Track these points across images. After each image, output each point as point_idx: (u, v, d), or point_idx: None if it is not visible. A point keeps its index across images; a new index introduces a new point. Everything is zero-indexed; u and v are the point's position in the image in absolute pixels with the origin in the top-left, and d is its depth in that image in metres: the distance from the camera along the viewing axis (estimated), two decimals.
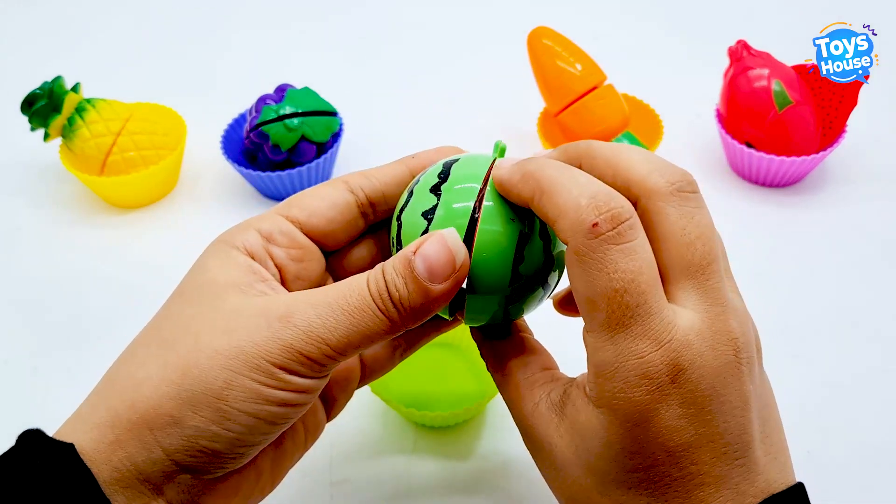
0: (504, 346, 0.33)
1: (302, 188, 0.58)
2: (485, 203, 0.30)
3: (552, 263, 0.31)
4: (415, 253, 0.28)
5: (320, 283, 0.34)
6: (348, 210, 0.33)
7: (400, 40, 0.76)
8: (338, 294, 0.28)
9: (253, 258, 0.31)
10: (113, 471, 0.27)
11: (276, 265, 0.32)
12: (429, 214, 0.30)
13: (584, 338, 0.28)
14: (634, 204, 0.28)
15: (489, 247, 0.29)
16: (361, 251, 0.35)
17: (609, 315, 0.26)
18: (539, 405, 0.30)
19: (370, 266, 0.32)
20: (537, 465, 0.30)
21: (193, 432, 0.27)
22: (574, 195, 0.27)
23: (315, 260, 0.33)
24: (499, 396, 0.44)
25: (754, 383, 0.28)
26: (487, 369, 0.33)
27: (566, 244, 0.27)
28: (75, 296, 0.53)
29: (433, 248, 0.28)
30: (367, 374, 0.36)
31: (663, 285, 0.27)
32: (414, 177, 0.34)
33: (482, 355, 0.34)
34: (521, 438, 0.31)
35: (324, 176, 0.59)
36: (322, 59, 0.74)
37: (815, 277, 0.52)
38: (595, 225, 0.26)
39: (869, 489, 0.41)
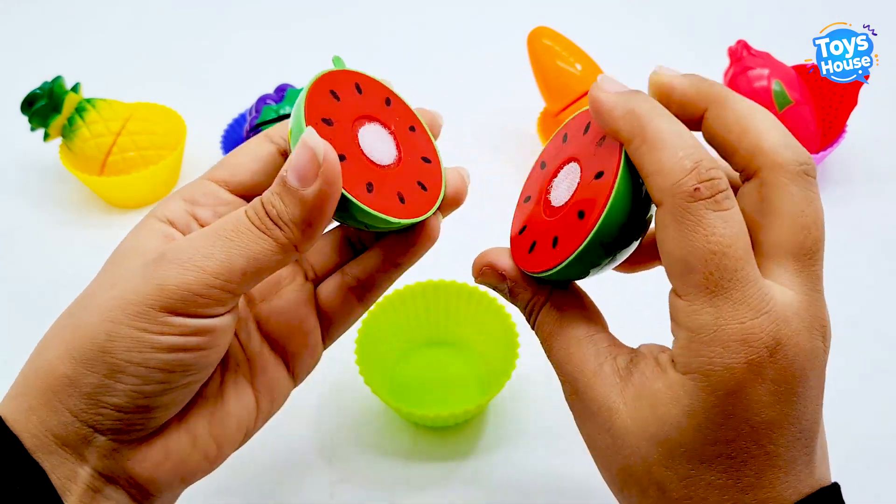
0: (567, 298, 0.30)
1: None
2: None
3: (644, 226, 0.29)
4: (287, 170, 0.27)
5: None
6: (272, 160, 0.32)
7: (400, 40, 0.76)
8: (215, 225, 0.27)
9: (174, 226, 0.30)
10: (32, 437, 0.27)
11: (202, 226, 0.31)
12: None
13: (671, 303, 0.27)
14: (754, 173, 0.27)
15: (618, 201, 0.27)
16: None
17: (707, 277, 0.25)
18: (603, 366, 0.28)
19: None
20: (585, 430, 0.29)
21: (91, 390, 0.27)
22: (679, 156, 0.26)
23: None
24: (499, 396, 0.44)
25: (824, 376, 0.29)
26: (533, 318, 0.31)
27: (658, 203, 0.26)
28: (74, 295, 0.53)
29: (297, 153, 0.27)
30: (328, 326, 0.33)
31: (760, 260, 0.27)
32: None
33: (529, 302, 0.31)
34: (520, 438, 0.31)
35: None
36: (322, 59, 0.74)
37: None
38: (696, 189, 0.26)
39: (869, 489, 0.41)
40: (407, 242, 0.32)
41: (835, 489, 0.27)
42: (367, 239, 0.35)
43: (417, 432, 0.44)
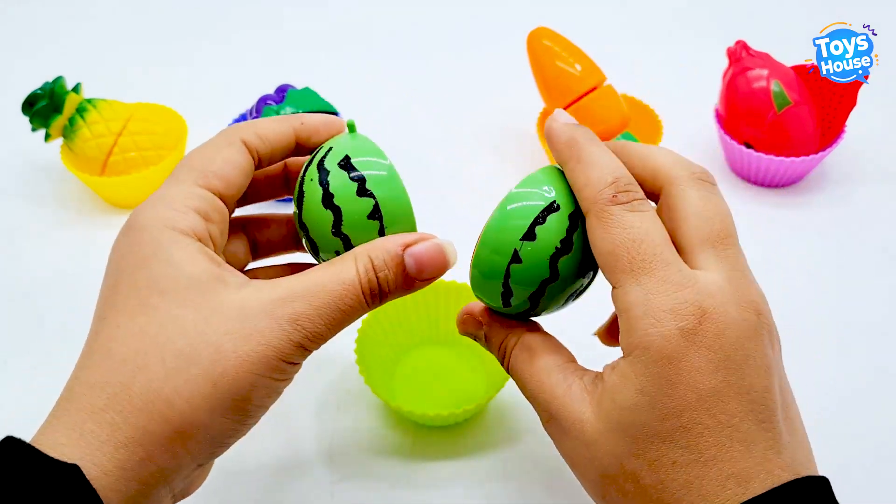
0: (535, 338, 0.33)
1: None
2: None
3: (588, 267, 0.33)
4: (404, 249, 0.31)
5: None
6: (250, 173, 0.34)
7: (400, 41, 0.76)
8: (333, 295, 0.30)
9: (202, 241, 0.31)
10: (140, 485, 0.27)
11: (214, 242, 0.32)
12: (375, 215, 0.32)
13: (612, 297, 0.30)
14: (659, 192, 0.32)
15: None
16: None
17: (630, 262, 0.29)
18: (572, 386, 0.31)
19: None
20: (564, 449, 0.31)
21: (218, 433, 0.29)
22: (604, 172, 0.31)
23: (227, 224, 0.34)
24: (499, 396, 0.44)
25: (775, 355, 0.30)
26: (506, 361, 0.34)
27: (586, 214, 0.31)
28: (75, 296, 0.53)
29: (428, 250, 0.31)
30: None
31: (683, 257, 0.30)
32: (301, 143, 0.35)
33: (501, 345, 0.34)
34: (520, 437, 0.31)
35: None
36: (322, 59, 0.75)
37: (814, 277, 0.52)
38: (615, 196, 0.30)
39: (869, 488, 0.41)
40: None
41: (822, 482, 0.28)
42: None
43: (417, 432, 0.44)
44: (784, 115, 0.53)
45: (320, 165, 0.32)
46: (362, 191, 0.32)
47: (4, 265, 0.56)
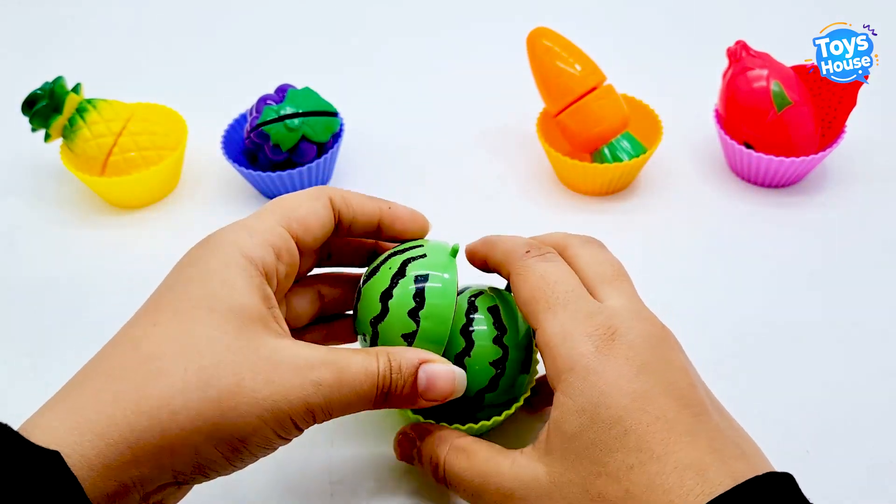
0: (462, 437, 0.36)
1: (303, 188, 0.58)
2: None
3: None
4: (421, 364, 0.33)
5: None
6: (330, 229, 0.36)
7: (400, 41, 0.76)
8: (357, 377, 0.31)
9: (266, 277, 0.32)
10: (119, 485, 0.27)
11: (279, 280, 0.34)
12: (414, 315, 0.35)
13: (536, 342, 0.34)
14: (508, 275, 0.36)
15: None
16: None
17: (547, 301, 0.33)
18: (516, 459, 0.33)
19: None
20: None
21: (205, 461, 0.29)
22: (516, 242, 0.37)
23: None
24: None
25: (687, 360, 0.33)
26: (441, 469, 0.35)
27: (507, 277, 0.36)
28: (75, 296, 0.53)
29: (443, 377, 0.33)
30: None
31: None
32: (384, 225, 0.38)
33: (424, 450, 0.36)
34: (521, 437, 0.32)
35: (324, 176, 0.59)
36: (323, 59, 0.75)
37: (814, 278, 0.52)
38: (528, 252, 0.35)
39: (869, 489, 0.41)
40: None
41: (786, 478, 0.28)
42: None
43: None
44: (784, 115, 0.53)
45: (405, 263, 0.35)
46: (413, 313, 0.34)
47: (4, 265, 0.56)
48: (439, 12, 0.80)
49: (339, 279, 0.41)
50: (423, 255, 0.36)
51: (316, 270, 0.41)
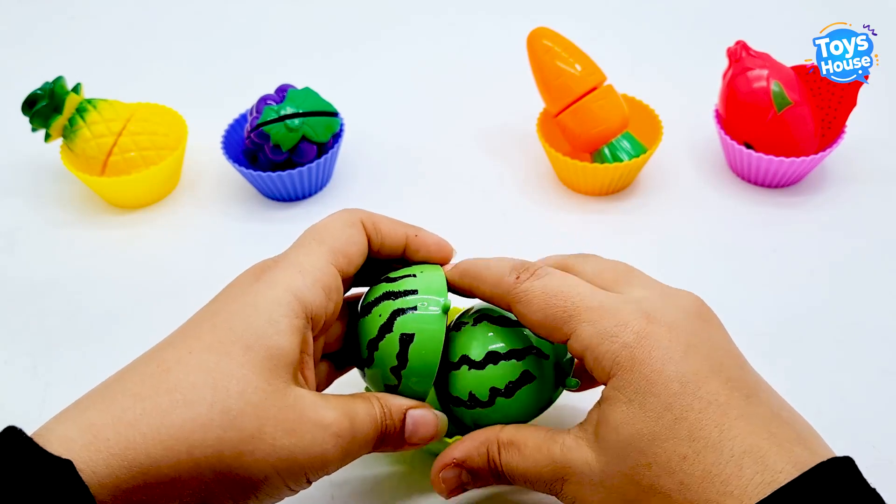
0: (502, 431, 0.34)
1: (303, 188, 0.58)
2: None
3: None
4: (406, 411, 0.34)
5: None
6: (365, 256, 0.36)
7: (400, 41, 0.76)
8: (364, 428, 0.32)
9: (313, 320, 0.33)
10: None
11: (327, 319, 0.34)
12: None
13: (571, 352, 0.32)
14: (508, 304, 0.34)
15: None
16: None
17: (563, 312, 0.31)
18: (565, 442, 0.32)
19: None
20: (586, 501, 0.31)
21: (213, 499, 0.29)
22: (500, 268, 0.34)
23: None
24: None
25: (728, 335, 0.32)
26: (494, 470, 0.34)
27: (509, 307, 0.34)
28: (75, 296, 0.53)
29: (426, 425, 0.34)
30: None
31: None
32: (409, 251, 0.38)
33: (476, 466, 0.34)
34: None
35: (324, 176, 0.59)
36: (323, 59, 0.75)
37: (814, 278, 0.52)
38: (518, 277, 0.33)
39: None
40: None
41: (847, 462, 0.27)
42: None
43: None
44: (784, 115, 0.53)
45: (395, 315, 0.34)
46: (396, 371, 0.34)
47: (4, 265, 0.56)
48: (439, 12, 0.80)
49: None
50: (414, 308, 0.34)
51: None
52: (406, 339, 0.34)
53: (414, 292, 0.35)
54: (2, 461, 0.26)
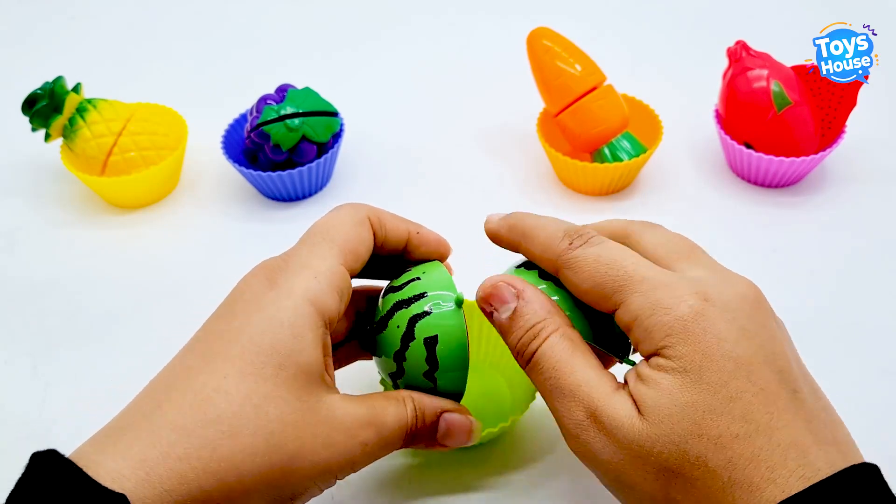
0: (573, 328, 0.33)
1: (303, 188, 0.58)
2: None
3: None
4: (441, 413, 0.34)
5: None
6: (371, 252, 0.36)
7: (400, 41, 0.76)
8: (393, 434, 0.33)
9: (329, 324, 0.33)
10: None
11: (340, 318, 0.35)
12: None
13: (617, 322, 0.31)
14: (556, 270, 0.33)
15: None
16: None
17: (615, 282, 0.31)
18: (611, 384, 0.31)
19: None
20: (607, 455, 0.30)
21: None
22: (552, 230, 0.33)
23: None
24: (523, 420, 0.44)
25: (782, 327, 0.32)
26: (538, 342, 0.32)
27: (558, 272, 0.33)
28: (75, 296, 0.53)
29: (459, 427, 0.35)
30: None
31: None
32: (410, 247, 0.38)
33: (529, 314, 0.33)
34: (522, 436, 0.31)
35: (324, 176, 0.59)
36: (323, 59, 0.75)
37: (814, 278, 0.52)
38: (570, 243, 0.32)
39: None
40: None
41: (872, 469, 0.28)
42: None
43: None
44: (784, 115, 0.53)
45: (413, 321, 0.34)
46: (429, 374, 0.35)
47: (4, 265, 0.56)
48: (439, 12, 0.80)
49: (365, 293, 0.41)
50: (429, 310, 0.34)
51: None
52: (431, 343, 0.34)
53: (423, 295, 0.35)
54: (56, 491, 0.26)
